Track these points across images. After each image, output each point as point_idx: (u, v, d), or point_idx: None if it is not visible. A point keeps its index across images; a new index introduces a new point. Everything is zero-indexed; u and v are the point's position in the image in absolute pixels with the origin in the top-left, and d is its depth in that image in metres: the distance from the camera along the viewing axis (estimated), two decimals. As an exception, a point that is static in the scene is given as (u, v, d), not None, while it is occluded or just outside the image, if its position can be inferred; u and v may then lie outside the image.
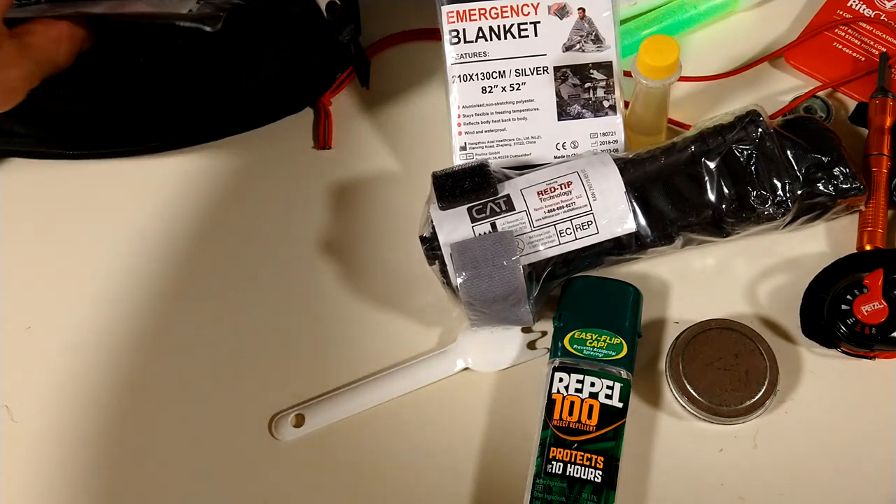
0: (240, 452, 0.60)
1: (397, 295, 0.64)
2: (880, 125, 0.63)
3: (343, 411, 0.60)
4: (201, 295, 0.65)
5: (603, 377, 0.57)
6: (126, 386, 0.62)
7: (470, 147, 0.63)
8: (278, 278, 0.65)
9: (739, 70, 0.69)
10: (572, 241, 0.57)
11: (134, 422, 0.61)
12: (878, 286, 0.57)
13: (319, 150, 0.69)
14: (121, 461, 0.60)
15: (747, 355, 0.57)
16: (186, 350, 0.63)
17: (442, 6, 0.63)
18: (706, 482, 0.57)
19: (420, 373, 0.61)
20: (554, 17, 0.63)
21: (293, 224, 0.67)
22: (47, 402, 0.62)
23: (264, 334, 0.63)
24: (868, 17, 0.69)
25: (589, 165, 0.59)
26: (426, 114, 0.70)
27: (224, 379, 0.62)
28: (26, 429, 0.61)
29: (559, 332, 0.59)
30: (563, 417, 0.56)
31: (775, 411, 0.58)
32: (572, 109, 0.63)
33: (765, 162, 0.58)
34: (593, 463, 0.55)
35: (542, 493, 0.54)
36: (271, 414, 0.61)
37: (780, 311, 0.61)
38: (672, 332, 0.61)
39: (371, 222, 0.66)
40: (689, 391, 0.57)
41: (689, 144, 0.60)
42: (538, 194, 0.58)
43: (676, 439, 0.58)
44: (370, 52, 0.72)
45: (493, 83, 0.63)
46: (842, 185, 0.59)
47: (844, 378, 0.59)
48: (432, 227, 0.58)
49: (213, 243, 0.66)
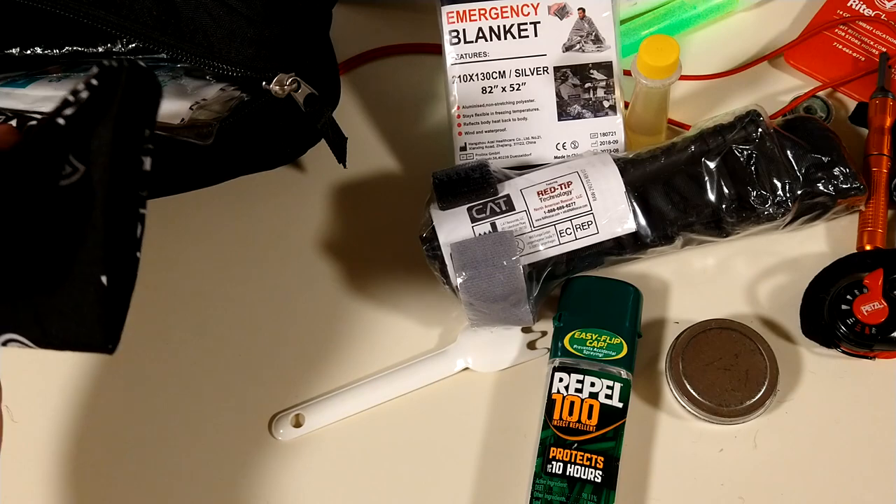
0: (240, 452, 0.60)
1: (397, 295, 0.64)
2: (880, 125, 0.63)
3: (343, 411, 0.60)
4: (201, 294, 0.65)
5: (603, 377, 0.57)
6: (126, 386, 0.62)
7: (470, 147, 0.63)
8: (278, 278, 0.65)
9: (739, 70, 0.69)
10: (572, 241, 0.57)
11: (134, 422, 0.61)
12: (878, 286, 0.57)
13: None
14: (121, 461, 0.60)
15: (747, 355, 0.57)
16: (186, 350, 0.63)
17: (442, 6, 0.63)
18: (706, 482, 0.57)
19: (420, 373, 0.61)
20: (554, 18, 0.63)
21: (293, 224, 0.67)
22: (47, 402, 0.62)
23: (264, 334, 0.63)
24: (868, 16, 0.69)
25: (589, 165, 0.59)
26: (426, 114, 0.70)
27: (224, 379, 0.62)
28: (26, 429, 0.61)
29: (559, 332, 0.59)
30: (563, 417, 0.56)
31: (775, 411, 0.58)
32: (572, 109, 0.63)
33: (765, 162, 0.58)
34: (593, 463, 0.55)
35: (542, 493, 0.54)
36: (271, 414, 0.61)
37: (780, 311, 0.61)
38: (672, 332, 0.61)
39: (371, 222, 0.66)
40: (689, 391, 0.57)
41: (689, 144, 0.60)
42: (538, 194, 0.58)
43: (676, 439, 0.58)
44: (370, 56, 0.72)
45: (493, 83, 0.63)
46: (842, 185, 0.59)
47: (844, 378, 0.59)
48: (432, 227, 0.58)
49: (212, 243, 0.66)
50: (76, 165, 0.42)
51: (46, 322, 0.42)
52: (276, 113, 0.56)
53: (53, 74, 0.58)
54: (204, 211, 0.67)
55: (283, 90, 0.54)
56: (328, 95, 0.62)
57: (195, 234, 0.67)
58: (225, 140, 0.53)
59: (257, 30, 0.53)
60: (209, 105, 0.53)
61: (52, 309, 0.42)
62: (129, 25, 0.53)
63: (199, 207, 0.67)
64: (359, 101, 0.71)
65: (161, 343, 0.63)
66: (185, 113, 0.51)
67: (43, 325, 0.42)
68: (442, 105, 0.70)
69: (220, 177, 0.61)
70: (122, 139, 0.42)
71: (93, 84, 0.41)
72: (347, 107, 0.70)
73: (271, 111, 0.56)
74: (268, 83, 0.54)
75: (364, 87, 0.71)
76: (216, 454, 0.60)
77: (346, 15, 0.73)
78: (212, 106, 0.53)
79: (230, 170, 0.61)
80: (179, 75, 0.57)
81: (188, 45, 0.53)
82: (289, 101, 0.55)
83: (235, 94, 0.55)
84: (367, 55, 0.72)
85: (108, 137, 0.41)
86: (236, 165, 0.61)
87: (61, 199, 0.41)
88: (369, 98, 0.71)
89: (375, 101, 0.71)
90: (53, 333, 0.43)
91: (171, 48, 0.53)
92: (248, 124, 0.55)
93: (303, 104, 0.56)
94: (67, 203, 0.41)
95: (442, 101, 0.70)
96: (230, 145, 0.55)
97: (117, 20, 0.53)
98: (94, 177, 0.41)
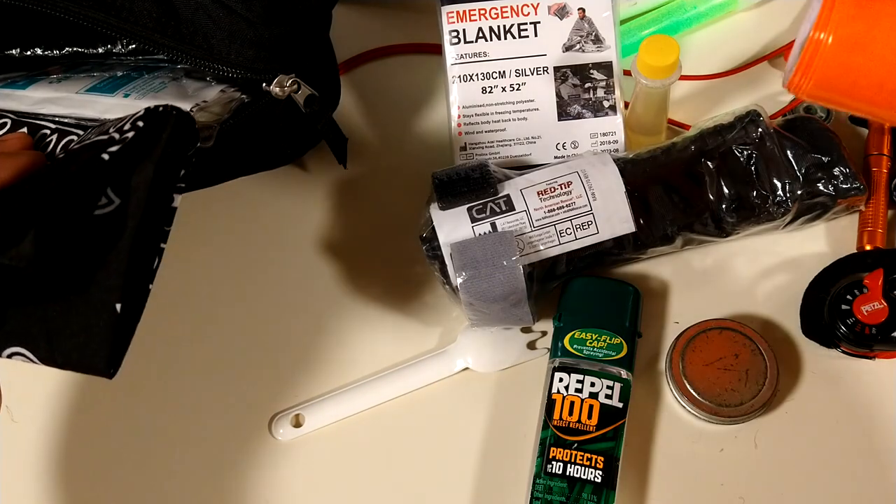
0: (240, 452, 0.60)
1: (397, 295, 0.64)
2: (880, 125, 0.63)
3: (343, 411, 0.60)
4: (201, 294, 0.65)
5: (603, 377, 0.57)
6: (126, 386, 0.62)
7: (470, 147, 0.63)
8: (278, 278, 0.65)
9: (739, 70, 0.69)
10: (572, 241, 0.57)
11: (134, 422, 0.61)
12: (878, 286, 0.57)
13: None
14: (120, 461, 0.60)
15: (747, 355, 0.57)
16: (186, 350, 0.63)
17: (442, 6, 0.63)
18: (706, 482, 0.57)
19: (420, 373, 0.61)
20: (554, 18, 0.63)
21: (293, 224, 0.67)
22: (47, 402, 0.62)
23: (264, 334, 0.63)
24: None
25: (589, 165, 0.59)
26: (426, 114, 0.70)
27: (224, 379, 0.62)
28: (26, 429, 0.61)
29: (559, 332, 0.59)
30: (563, 417, 0.56)
31: (775, 411, 0.58)
32: (572, 109, 0.63)
33: (765, 162, 0.58)
34: (593, 463, 0.55)
35: (542, 493, 0.54)
36: (271, 414, 0.61)
37: (780, 311, 0.61)
38: (672, 332, 0.61)
39: (371, 222, 0.66)
40: (689, 391, 0.57)
41: (689, 144, 0.60)
42: (538, 194, 0.58)
43: (676, 439, 0.58)
44: (370, 56, 0.72)
45: (493, 83, 0.63)
46: (842, 185, 0.59)
47: (844, 378, 0.59)
48: (432, 227, 0.58)
49: (212, 243, 0.66)
50: (112, 198, 0.44)
51: (56, 340, 0.44)
52: (276, 114, 0.56)
53: (54, 75, 0.58)
54: (204, 211, 0.67)
55: (284, 91, 0.54)
56: (328, 96, 0.62)
57: (195, 235, 0.67)
58: (225, 141, 0.53)
59: (257, 31, 0.53)
60: (210, 107, 0.53)
61: (64, 327, 0.43)
62: (129, 28, 0.53)
63: (199, 208, 0.67)
64: (359, 101, 0.71)
65: (161, 343, 0.63)
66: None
67: (52, 342, 0.44)
68: (442, 105, 0.70)
69: (220, 178, 0.61)
70: (160, 178, 0.44)
71: (139, 126, 0.44)
72: (347, 107, 0.70)
73: (272, 112, 0.56)
74: (268, 84, 0.54)
75: (364, 87, 0.71)
76: (216, 454, 0.60)
77: (346, 15, 0.73)
78: (212, 108, 0.53)
79: (230, 171, 0.61)
80: (179, 76, 0.57)
81: (188, 47, 0.53)
82: (289, 102, 0.55)
83: (236, 96, 0.55)
84: (367, 55, 0.72)
85: (149, 176, 0.44)
86: (236, 166, 0.61)
87: (92, 227, 0.43)
88: (369, 98, 0.71)
89: (375, 101, 0.71)
90: (60, 352, 0.44)
91: (170, 50, 0.53)
92: (248, 126, 0.55)
93: (303, 105, 0.56)
94: (97, 231, 0.43)
95: (442, 101, 0.70)
96: (230, 147, 0.55)
97: (117, 23, 0.53)
98: (129, 210, 0.44)
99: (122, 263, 0.43)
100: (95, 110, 0.53)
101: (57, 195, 0.43)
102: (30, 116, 0.54)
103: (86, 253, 0.43)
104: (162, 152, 0.44)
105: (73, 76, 0.58)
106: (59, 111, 0.54)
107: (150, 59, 0.61)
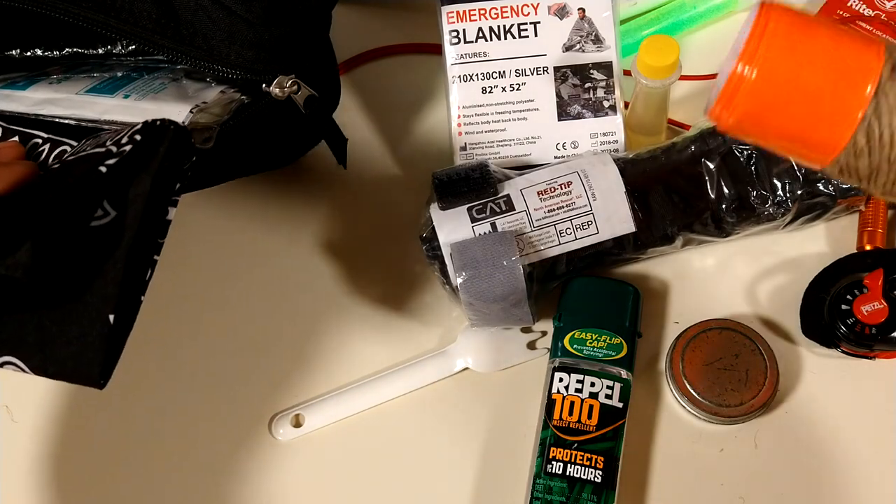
0: (240, 452, 0.60)
1: (397, 295, 0.64)
2: (880, 125, 0.63)
3: (343, 411, 0.60)
4: (201, 294, 0.65)
5: (603, 377, 0.57)
6: (126, 386, 0.62)
7: (470, 147, 0.63)
8: (278, 278, 0.65)
9: (739, 70, 0.69)
10: (572, 241, 0.57)
11: (134, 422, 0.61)
12: (878, 286, 0.57)
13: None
14: (120, 461, 0.60)
15: (747, 355, 0.57)
16: (186, 350, 0.63)
17: (442, 6, 0.63)
18: (706, 482, 0.57)
19: (420, 373, 0.61)
20: (554, 18, 0.63)
21: (293, 224, 0.67)
22: (47, 402, 0.62)
23: (264, 334, 0.63)
24: (868, 16, 0.69)
25: (589, 165, 0.59)
26: (426, 114, 0.70)
27: (224, 379, 0.62)
28: (26, 429, 0.61)
29: (559, 332, 0.59)
30: (563, 417, 0.56)
31: (775, 411, 0.58)
32: (572, 109, 0.63)
33: (765, 162, 0.58)
34: (593, 463, 0.55)
35: (542, 493, 0.54)
36: (271, 414, 0.61)
37: (780, 311, 0.61)
38: (672, 332, 0.61)
39: (371, 222, 0.66)
40: (689, 391, 0.57)
41: (689, 144, 0.60)
42: (538, 194, 0.58)
43: (676, 439, 0.58)
44: (370, 56, 0.72)
45: (493, 83, 0.63)
46: (842, 185, 0.59)
47: (844, 378, 0.59)
48: (432, 227, 0.58)
49: (212, 243, 0.66)
50: (108, 210, 0.44)
51: (50, 349, 0.44)
52: (276, 115, 0.56)
53: (54, 76, 0.58)
54: (204, 211, 0.67)
55: (284, 92, 0.54)
56: (328, 97, 0.62)
57: (195, 235, 0.67)
58: (225, 142, 0.53)
59: (257, 32, 0.53)
60: (210, 108, 0.53)
61: (58, 336, 0.44)
62: (129, 29, 0.53)
63: (199, 208, 0.67)
64: (359, 101, 0.71)
65: (161, 343, 0.63)
66: (186, 116, 0.51)
67: (46, 351, 0.44)
68: (442, 105, 0.70)
69: (219, 178, 0.61)
70: (157, 192, 0.45)
71: (136, 139, 0.45)
72: (347, 107, 0.70)
73: (271, 113, 0.56)
74: (268, 85, 0.54)
75: (364, 87, 0.71)
76: (216, 454, 0.60)
77: (346, 15, 0.73)
78: (212, 109, 0.53)
79: (230, 171, 0.61)
80: (179, 77, 0.57)
81: (187, 48, 0.53)
82: (289, 102, 0.55)
83: (235, 97, 0.55)
84: (367, 55, 0.72)
85: (146, 189, 0.44)
86: (236, 167, 0.61)
87: (88, 238, 0.44)
88: (369, 98, 0.71)
89: (375, 101, 0.71)
90: (53, 361, 0.44)
91: (170, 51, 0.53)
92: (248, 126, 0.55)
93: (303, 106, 0.56)
94: (93, 242, 0.44)
95: (442, 101, 0.70)
96: (230, 147, 0.55)
97: (116, 24, 0.53)
98: (126, 222, 0.44)
99: (117, 274, 0.44)
100: (95, 111, 0.53)
101: (54, 206, 0.43)
102: (22, 123, 0.54)
103: (82, 264, 0.44)
104: (159, 166, 0.45)
105: (74, 77, 0.58)
106: (60, 112, 0.54)
107: (149, 60, 0.61)
